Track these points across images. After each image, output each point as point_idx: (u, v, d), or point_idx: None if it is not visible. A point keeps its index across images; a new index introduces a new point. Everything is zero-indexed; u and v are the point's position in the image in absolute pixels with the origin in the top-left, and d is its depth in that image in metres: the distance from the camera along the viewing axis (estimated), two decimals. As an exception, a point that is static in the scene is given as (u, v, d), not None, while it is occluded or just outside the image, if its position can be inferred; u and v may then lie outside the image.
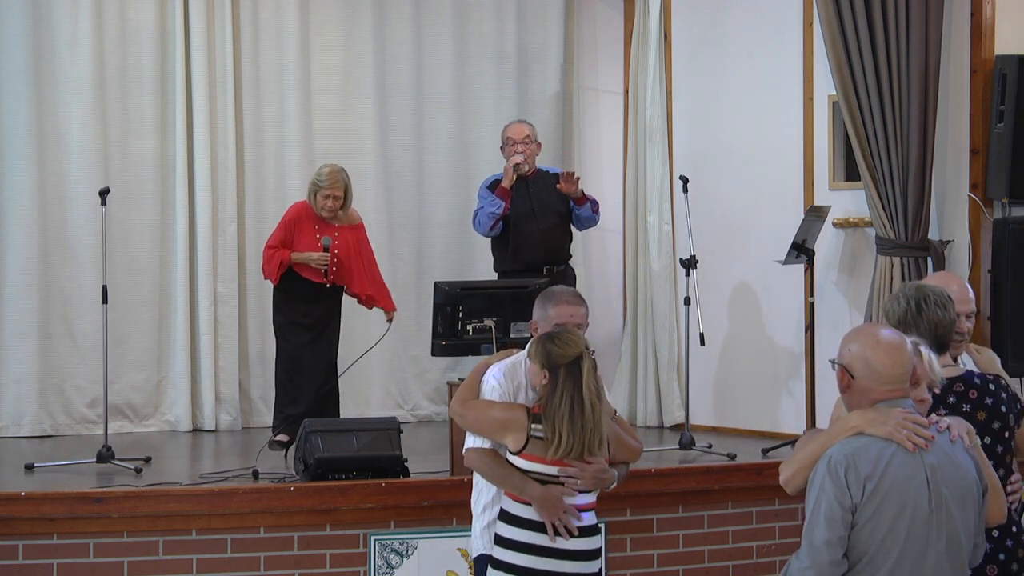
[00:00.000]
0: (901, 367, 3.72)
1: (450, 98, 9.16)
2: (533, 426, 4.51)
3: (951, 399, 4.25)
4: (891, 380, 3.71)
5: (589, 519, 4.58)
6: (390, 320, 7.79)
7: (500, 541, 4.58)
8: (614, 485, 4.67)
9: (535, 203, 7.50)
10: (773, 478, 6.63)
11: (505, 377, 4.71)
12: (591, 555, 4.57)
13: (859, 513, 3.60)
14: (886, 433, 3.64)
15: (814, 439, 3.84)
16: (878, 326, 3.93)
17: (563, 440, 4.43)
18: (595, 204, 7.77)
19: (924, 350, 4.00)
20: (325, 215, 7.49)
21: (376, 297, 7.72)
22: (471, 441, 4.72)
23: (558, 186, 7.57)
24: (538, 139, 7.78)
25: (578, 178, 7.62)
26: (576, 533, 4.51)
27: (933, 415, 3.85)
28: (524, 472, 4.54)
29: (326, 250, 7.42)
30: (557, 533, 4.49)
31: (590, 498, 4.60)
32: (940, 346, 4.28)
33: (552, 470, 4.50)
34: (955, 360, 4.42)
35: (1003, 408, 4.31)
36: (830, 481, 3.61)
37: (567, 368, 4.46)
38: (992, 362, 4.65)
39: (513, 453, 4.57)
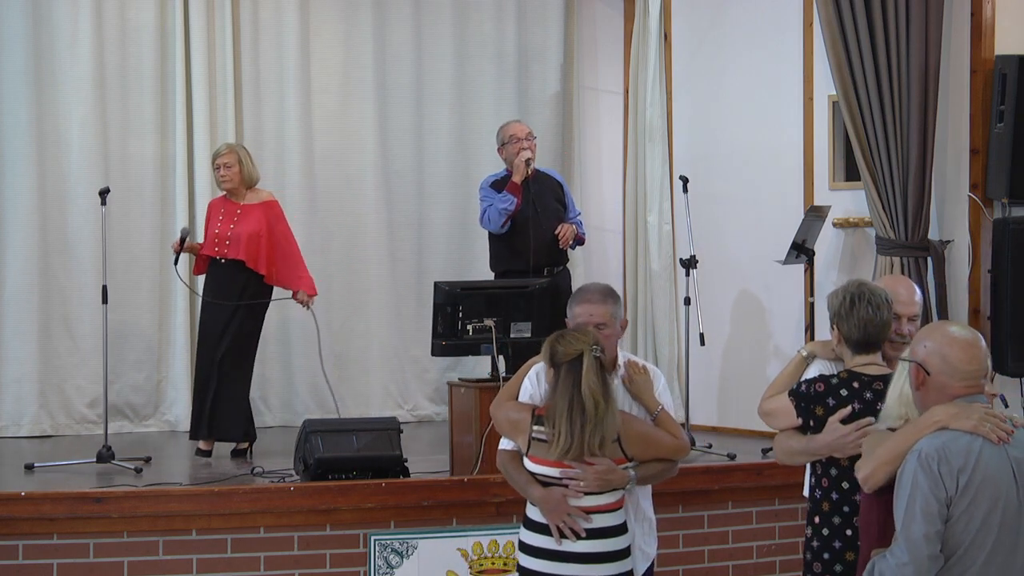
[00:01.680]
0: (978, 363, 3.75)
1: (450, 98, 9.17)
2: (534, 428, 4.48)
3: (868, 395, 4.28)
4: (968, 376, 3.73)
5: (604, 521, 4.47)
6: (303, 303, 7.53)
7: (520, 545, 4.57)
8: (630, 486, 4.54)
9: (537, 205, 7.49)
10: (773, 478, 6.71)
11: (537, 378, 4.66)
12: (603, 558, 4.45)
13: (954, 507, 3.60)
14: (971, 427, 3.65)
15: (889, 437, 3.83)
16: (949, 323, 3.96)
17: (561, 438, 4.38)
18: (583, 238, 7.81)
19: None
20: (224, 187, 7.48)
21: (288, 278, 7.49)
22: (501, 442, 4.71)
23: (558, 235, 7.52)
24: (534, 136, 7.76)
25: (572, 231, 7.57)
26: (583, 535, 4.42)
27: (1004, 411, 3.86)
28: (533, 474, 4.50)
29: (182, 241, 7.41)
30: (563, 536, 4.43)
31: (604, 499, 4.48)
32: (869, 344, 4.33)
33: (555, 471, 4.45)
34: (887, 360, 4.41)
35: None
36: (923, 475, 3.61)
37: (568, 366, 4.42)
38: None
39: (525, 455, 4.54)
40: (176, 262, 7.47)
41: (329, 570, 6.11)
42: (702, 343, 7.34)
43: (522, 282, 6.89)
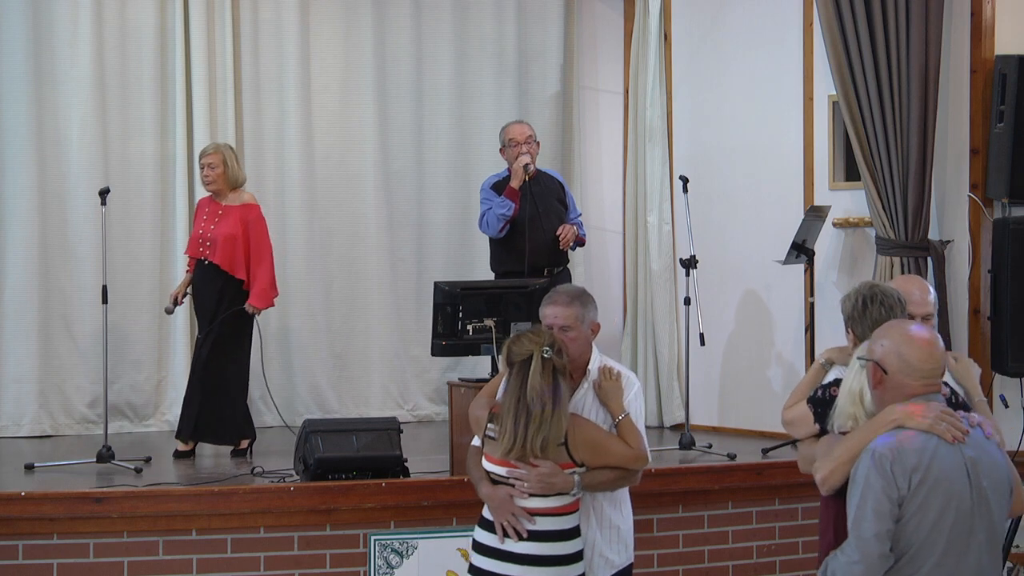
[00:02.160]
0: (936, 361, 3.75)
1: (450, 98, 9.17)
2: (488, 426, 4.50)
3: None
4: (926, 375, 3.73)
5: (549, 524, 4.43)
6: (250, 312, 7.38)
7: (472, 542, 4.57)
8: (576, 491, 4.46)
9: (540, 205, 7.49)
10: (773, 478, 6.71)
11: None
12: (546, 561, 4.40)
13: (905, 506, 3.60)
14: (927, 426, 3.65)
15: (844, 438, 3.82)
16: (907, 322, 3.94)
17: (505, 437, 4.37)
18: (583, 239, 7.81)
19: None
20: (208, 188, 7.46)
21: (251, 284, 7.38)
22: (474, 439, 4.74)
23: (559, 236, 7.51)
24: (537, 138, 7.76)
25: (573, 233, 7.56)
26: (524, 536, 4.40)
27: (961, 411, 3.85)
28: (487, 472, 4.51)
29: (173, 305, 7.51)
30: (506, 535, 4.41)
31: (550, 503, 4.43)
32: None
33: (503, 471, 4.45)
34: None
35: None
36: (876, 474, 3.60)
37: (518, 366, 4.40)
38: (968, 371, 4.55)
39: (482, 452, 4.57)
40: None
41: (329, 570, 6.11)
42: (702, 343, 7.34)
43: (522, 282, 6.89)
